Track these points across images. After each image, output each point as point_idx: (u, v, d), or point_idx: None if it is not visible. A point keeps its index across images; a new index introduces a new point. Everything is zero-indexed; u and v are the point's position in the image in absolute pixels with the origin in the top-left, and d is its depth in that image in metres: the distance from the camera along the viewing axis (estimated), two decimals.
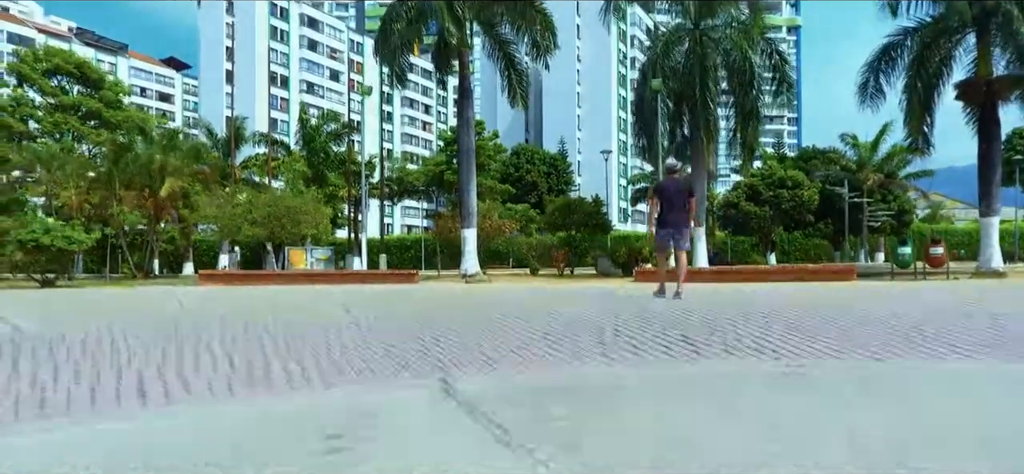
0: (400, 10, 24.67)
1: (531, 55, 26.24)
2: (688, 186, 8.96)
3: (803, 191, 42.04)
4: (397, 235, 69.63)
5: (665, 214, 8.59)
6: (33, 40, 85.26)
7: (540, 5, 24.38)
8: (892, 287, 15.58)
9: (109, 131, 34.15)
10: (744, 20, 23.11)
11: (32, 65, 33.17)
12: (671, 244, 8.61)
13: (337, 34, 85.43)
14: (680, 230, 8.56)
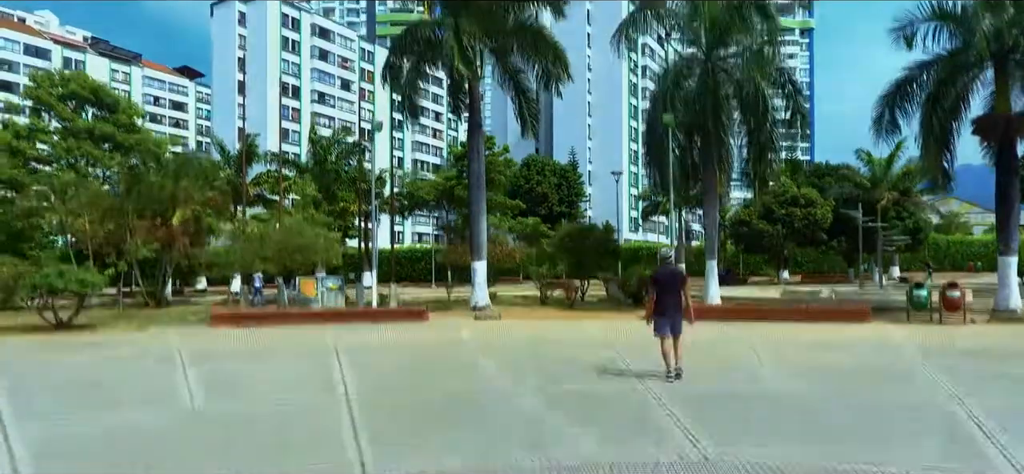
0: (408, 44, 24.66)
1: (542, 83, 26.17)
2: (682, 275, 9.61)
3: (816, 210, 41.71)
4: (408, 245, 69.81)
5: (662, 301, 9.20)
6: (49, 51, 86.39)
7: (551, 37, 24.29)
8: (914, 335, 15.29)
9: (123, 154, 34.44)
10: (758, 50, 22.78)
11: (48, 90, 33.51)
12: (668, 331, 9.15)
13: (348, 43, 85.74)
14: (676, 319, 9.18)
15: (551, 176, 65.38)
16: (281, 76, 78.10)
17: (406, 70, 24.20)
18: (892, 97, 21.50)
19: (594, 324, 19.99)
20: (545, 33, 24.30)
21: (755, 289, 42.50)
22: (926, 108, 20.16)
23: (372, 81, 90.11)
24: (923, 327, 17.20)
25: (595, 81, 77.57)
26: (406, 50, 24.74)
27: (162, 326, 19.96)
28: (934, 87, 20.12)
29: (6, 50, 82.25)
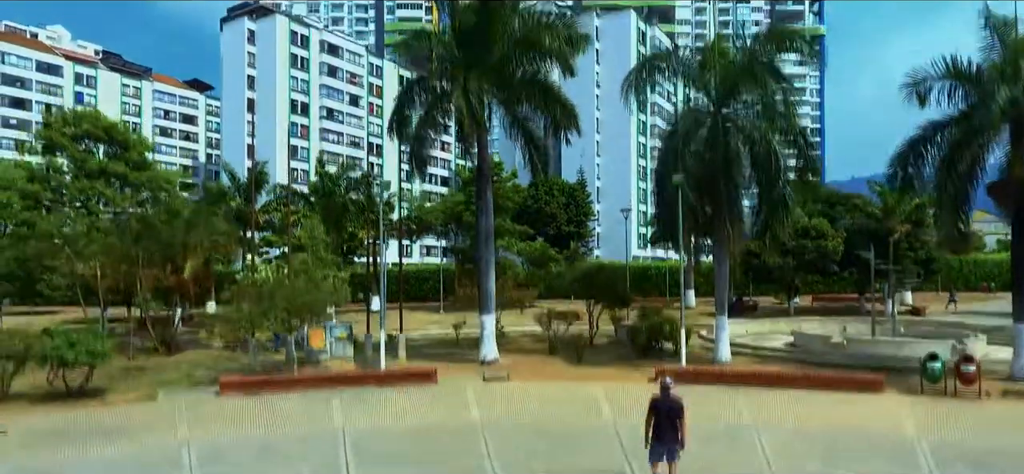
0: (414, 95, 24.62)
1: (551, 131, 26.10)
2: (680, 406, 9.91)
3: (827, 242, 41.35)
4: (416, 263, 69.90)
5: (659, 428, 9.73)
6: (61, 67, 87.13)
7: (560, 93, 24.21)
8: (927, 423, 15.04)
9: (134, 191, 34.71)
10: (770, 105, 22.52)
11: (61, 130, 33.82)
12: (664, 458, 9.73)
13: (356, 59, 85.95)
14: (672, 449, 9.74)
15: (559, 195, 65.27)
16: (290, 93, 78.39)
17: (414, 124, 24.15)
18: (905, 157, 21.27)
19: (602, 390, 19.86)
20: (554, 89, 24.22)
21: (766, 322, 42.14)
22: (941, 172, 19.91)
23: (381, 95, 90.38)
24: (937, 405, 17.02)
25: (603, 97, 77.36)
26: (413, 103, 24.71)
27: (172, 390, 20.03)
28: (949, 150, 19.87)
29: (19, 68, 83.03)
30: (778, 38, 23.75)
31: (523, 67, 23.80)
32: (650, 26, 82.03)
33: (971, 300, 54.67)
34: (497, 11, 22.64)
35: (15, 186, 33.35)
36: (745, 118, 23.50)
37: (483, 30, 23.00)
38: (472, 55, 23.42)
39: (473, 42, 23.35)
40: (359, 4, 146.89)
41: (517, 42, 23.02)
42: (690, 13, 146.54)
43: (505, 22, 22.77)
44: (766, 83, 22.12)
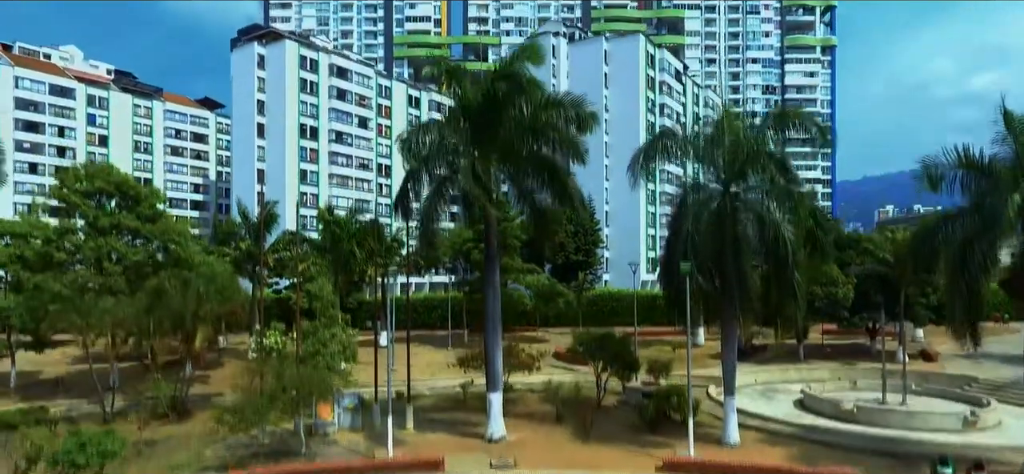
0: (420, 173, 24.59)
1: (556, 202, 26.07)
2: None
3: (838, 289, 41.07)
4: (424, 294, 70.00)
5: None
6: (73, 90, 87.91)
7: (565, 174, 24.14)
8: None
9: (145, 245, 34.95)
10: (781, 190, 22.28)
11: (72, 187, 34.10)
12: None
13: (365, 81, 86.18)
14: None
15: (567, 224, 64.97)
16: (300, 118, 78.73)
17: (423, 198, 24.13)
18: (917, 247, 21.11)
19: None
20: (560, 171, 24.12)
21: (776, 369, 41.90)
22: (952, 270, 19.70)
23: (389, 116, 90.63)
24: None
25: (612, 121, 77.18)
26: (420, 182, 24.68)
27: None
28: (961, 248, 19.64)
29: (32, 92, 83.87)
30: (787, 120, 23.55)
31: (530, 148, 23.74)
32: (659, 50, 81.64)
33: (985, 332, 54.18)
34: (505, 95, 22.61)
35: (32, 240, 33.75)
36: (754, 199, 23.32)
37: (491, 113, 22.99)
38: (480, 136, 23.43)
39: (481, 124, 23.34)
40: (368, 16, 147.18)
41: (524, 127, 22.96)
42: (700, 24, 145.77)
43: (512, 105, 22.69)
44: (773, 174, 21.94)
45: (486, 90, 22.88)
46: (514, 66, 23.08)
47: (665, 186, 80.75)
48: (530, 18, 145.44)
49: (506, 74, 22.92)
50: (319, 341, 30.26)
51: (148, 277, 34.69)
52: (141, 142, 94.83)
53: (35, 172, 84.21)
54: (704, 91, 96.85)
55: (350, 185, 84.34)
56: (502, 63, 23.97)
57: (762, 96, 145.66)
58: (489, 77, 23.44)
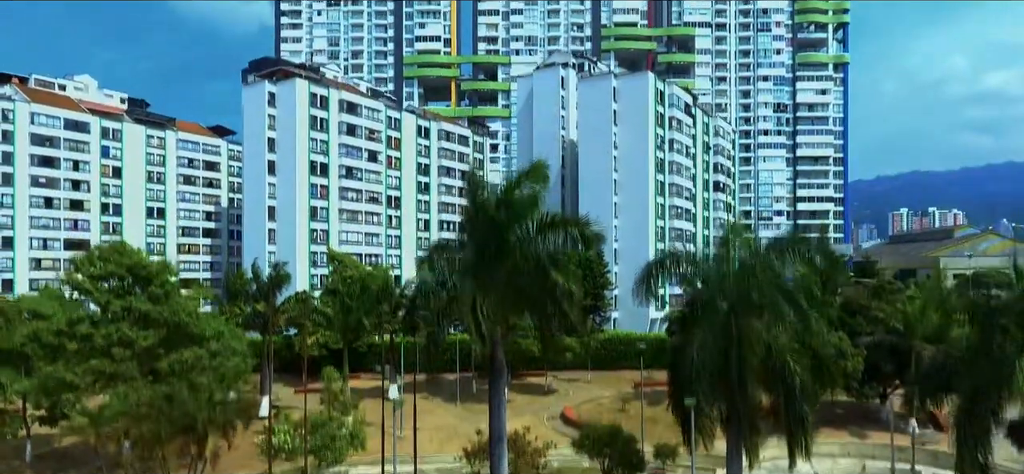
0: (425, 298, 24.66)
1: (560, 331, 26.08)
2: None
3: (847, 361, 40.79)
4: None
5: None
6: (88, 124, 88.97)
7: (570, 305, 24.13)
8: None
9: (156, 330, 35.36)
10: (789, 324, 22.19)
11: (86, 271, 34.62)
12: None
13: (374, 114, 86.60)
14: None
15: (576, 269, 64.98)
16: (310, 155, 79.28)
17: (427, 332, 24.28)
18: (925, 389, 21.00)
19: None
20: (565, 301, 24.09)
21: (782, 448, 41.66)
22: (961, 421, 19.58)
23: (399, 147, 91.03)
24: None
25: (621, 158, 77.08)
26: (426, 302, 24.77)
27: None
28: (969, 397, 19.53)
29: (48, 127, 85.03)
30: (792, 248, 23.45)
31: (533, 273, 23.78)
32: (669, 85, 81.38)
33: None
34: (505, 223, 22.72)
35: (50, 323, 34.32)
36: (761, 327, 23.23)
37: (493, 240, 23.08)
38: (484, 264, 23.50)
39: (485, 250, 23.42)
40: (379, 35, 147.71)
41: (528, 254, 23.01)
42: (710, 42, 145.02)
43: (514, 231, 22.79)
44: (779, 307, 21.86)
45: (489, 217, 22.94)
46: (515, 192, 23.15)
47: (674, 222, 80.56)
48: (540, 37, 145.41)
49: (507, 201, 22.98)
50: (328, 434, 30.62)
51: (159, 358, 35.30)
52: (154, 172, 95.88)
53: (50, 206, 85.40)
54: (714, 120, 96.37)
55: (360, 219, 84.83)
56: (505, 186, 24.03)
57: (773, 114, 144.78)
58: (492, 201, 23.49)
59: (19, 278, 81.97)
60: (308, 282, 78.49)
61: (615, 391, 56.82)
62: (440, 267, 23.61)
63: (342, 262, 68.44)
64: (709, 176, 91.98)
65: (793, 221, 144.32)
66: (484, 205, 23.39)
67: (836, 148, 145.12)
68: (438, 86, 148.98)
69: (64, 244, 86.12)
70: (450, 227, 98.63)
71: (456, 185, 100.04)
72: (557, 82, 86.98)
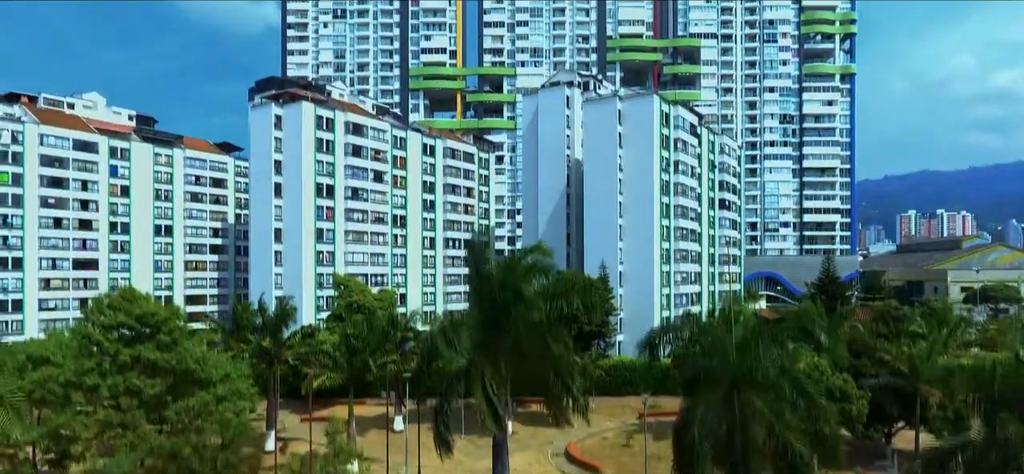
0: (431, 359, 24.92)
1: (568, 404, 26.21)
2: None
3: (852, 404, 40.74)
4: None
5: None
6: (96, 144, 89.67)
7: (574, 375, 24.34)
8: None
9: (164, 378, 35.68)
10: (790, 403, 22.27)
11: (97, 320, 35.00)
12: None
13: (380, 135, 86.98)
14: None
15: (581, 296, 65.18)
16: (316, 177, 79.72)
17: (436, 410, 24.50)
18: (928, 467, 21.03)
19: None
20: (569, 372, 24.33)
21: None
22: None
23: (404, 167, 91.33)
24: None
25: (626, 181, 77.07)
26: (432, 365, 25.06)
27: None
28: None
29: (57, 148, 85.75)
30: (793, 327, 23.53)
31: (537, 347, 23.99)
32: (674, 107, 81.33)
33: None
34: (508, 302, 22.94)
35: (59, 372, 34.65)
36: (764, 399, 23.31)
37: (498, 318, 23.30)
38: (491, 338, 23.73)
39: (491, 325, 23.65)
40: (384, 47, 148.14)
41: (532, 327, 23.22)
42: (716, 53, 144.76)
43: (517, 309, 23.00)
44: (782, 387, 21.95)
45: (493, 299, 23.17)
46: (516, 271, 23.38)
47: (679, 243, 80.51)
48: (545, 48, 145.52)
49: (509, 279, 23.20)
50: None
51: (166, 405, 35.65)
52: (162, 190, 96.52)
53: (59, 226, 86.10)
54: (720, 138, 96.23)
55: (365, 239, 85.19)
56: (506, 264, 24.26)
57: (779, 125, 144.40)
58: (496, 283, 23.70)
59: (28, 298, 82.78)
60: (314, 304, 78.91)
61: (619, 422, 56.89)
62: (452, 338, 23.87)
63: (348, 287, 68.85)
64: (714, 194, 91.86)
65: (799, 232, 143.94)
66: (488, 280, 23.59)
67: (843, 159, 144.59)
68: (443, 97, 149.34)
69: (73, 264, 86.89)
70: (455, 244, 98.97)
71: (462, 202, 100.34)
72: (562, 101, 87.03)
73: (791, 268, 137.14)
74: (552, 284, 24.52)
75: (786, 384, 22.03)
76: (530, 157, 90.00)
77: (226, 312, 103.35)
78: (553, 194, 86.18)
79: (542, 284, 24.06)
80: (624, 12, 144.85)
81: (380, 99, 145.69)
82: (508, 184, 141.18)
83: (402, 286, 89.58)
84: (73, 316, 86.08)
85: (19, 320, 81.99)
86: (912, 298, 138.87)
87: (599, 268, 71.12)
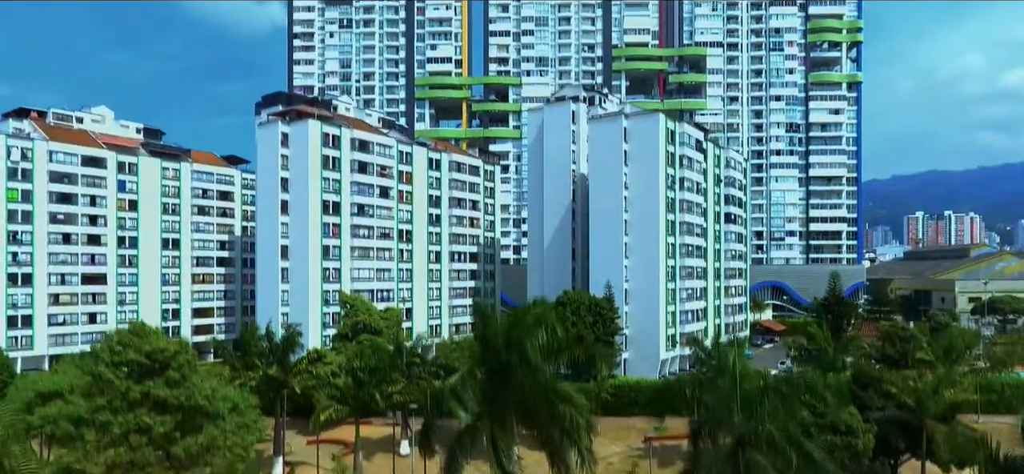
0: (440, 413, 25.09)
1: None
2: None
3: (858, 440, 40.70)
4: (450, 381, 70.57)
5: None
6: (105, 159, 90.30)
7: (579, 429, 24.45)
8: None
9: (173, 414, 36.00)
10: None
11: (107, 360, 35.34)
12: None
13: (386, 150, 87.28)
14: None
15: (586, 315, 65.35)
16: (322, 194, 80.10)
17: (446, 465, 24.66)
18: None
19: None
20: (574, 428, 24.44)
21: None
22: None
23: (410, 181, 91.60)
24: None
25: (632, 199, 77.07)
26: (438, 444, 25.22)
27: None
28: None
29: (66, 164, 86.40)
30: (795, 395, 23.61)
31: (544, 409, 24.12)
32: (679, 123, 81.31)
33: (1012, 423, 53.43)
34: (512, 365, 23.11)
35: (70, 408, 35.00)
36: (767, 462, 23.40)
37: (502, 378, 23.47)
38: (497, 396, 23.89)
39: (497, 384, 23.82)
40: (390, 57, 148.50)
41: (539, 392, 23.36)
42: (722, 62, 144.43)
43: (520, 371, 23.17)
44: (786, 451, 22.03)
45: (498, 358, 23.34)
46: (520, 328, 23.52)
47: (685, 260, 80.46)
48: (551, 57, 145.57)
49: (514, 343, 23.36)
50: None
51: (175, 442, 35.98)
52: (169, 204, 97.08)
53: (68, 242, 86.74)
54: (726, 152, 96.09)
55: (371, 255, 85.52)
56: (510, 321, 24.40)
57: (786, 134, 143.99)
58: (501, 343, 23.86)
59: (38, 314, 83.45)
60: (320, 320, 79.29)
61: (624, 446, 56.93)
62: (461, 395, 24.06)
63: (354, 306, 69.13)
64: (720, 208, 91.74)
65: (806, 241, 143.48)
66: (492, 342, 23.77)
67: (849, 167, 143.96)
68: (449, 106, 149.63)
69: (81, 279, 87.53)
70: (461, 257, 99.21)
71: (467, 215, 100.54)
72: (568, 116, 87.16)
73: (797, 277, 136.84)
74: (557, 339, 24.63)
75: (791, 447, 22.10)
76: (535, 171, 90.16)
77: (232, 323, 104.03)
78: (558, 208, 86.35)
79: (546, 340, 24.16)
80: (630, 21, 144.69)
81: (386, 108, 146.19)
82: (513, 193, 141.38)
83: (408, 300, 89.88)
84: (82, 330, 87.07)
85: (28, 336, 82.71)
86: (920, 307, 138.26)
87: (605, 287, 71.22)
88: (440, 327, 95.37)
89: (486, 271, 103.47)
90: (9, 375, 61.77)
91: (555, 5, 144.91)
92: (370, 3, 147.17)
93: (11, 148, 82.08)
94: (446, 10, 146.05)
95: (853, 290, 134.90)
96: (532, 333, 23.84)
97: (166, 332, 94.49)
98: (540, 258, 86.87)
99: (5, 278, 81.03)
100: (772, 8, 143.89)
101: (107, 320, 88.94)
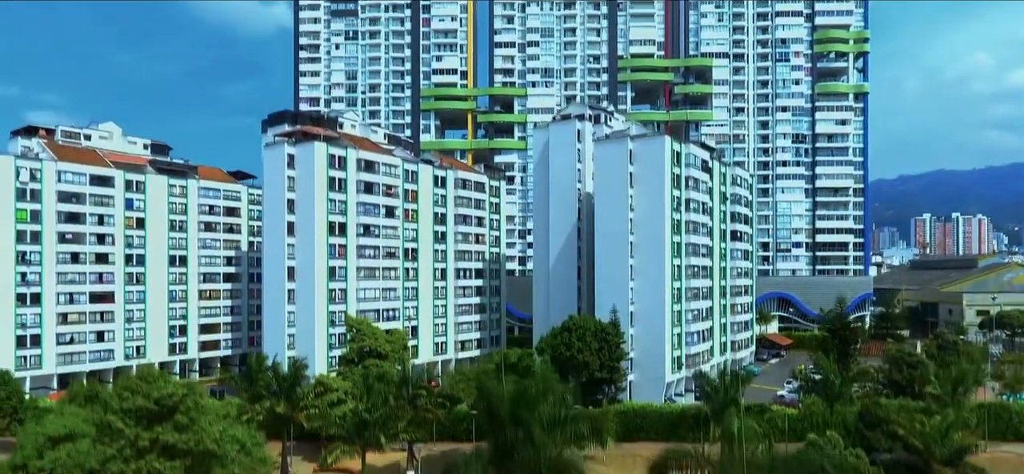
0: None
1: None
2: None
3: None
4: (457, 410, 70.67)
5: None
6: (112, 178, 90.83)
7: None
8: None
9: (182, 460, 36.28)
10: None
11: (116, 408, 35.65)
12: None
13: (391, 170, 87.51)
14: None
15: (592, 341, 65.33)
16: (328, 216, 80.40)
17: None
18: None
19: None
20: None
21: None
22: None
23: (416, 200, 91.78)
24: None
25: (637, 220, 77.04)
26: None
27: None
28: None
29: (74, 184, 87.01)
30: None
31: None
32: (685, 145, 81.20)
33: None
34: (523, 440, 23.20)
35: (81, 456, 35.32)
36: None
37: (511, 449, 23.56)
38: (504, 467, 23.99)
39: (504, 455, 23.91)
40: (396, 68, 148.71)
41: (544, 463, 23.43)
42: (728, 73, 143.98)
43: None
44: None
45: (503, 438, 23.46)
46: (522, 409, 23.64)
47: (690, 282, 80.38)
48: (556, 68, 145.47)
49: (520, 419, 23.47)
50: None
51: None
52: (176, 221, 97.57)
53: (77, 261, 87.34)
54: (732, 169, 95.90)
55: (377, 275, 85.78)
56: (515, 396, 24.54)
57: (792, 145, 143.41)
58: (507, 417, 23.97)
59: (46, 334, 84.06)
60: (326, 342, 79.57)
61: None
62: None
63: (359, 330, 69.42)
64: (726, 226, 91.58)
65: (812, 252, 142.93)
66: (497, 416, 23.88)
67: (856, 178, 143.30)
68: (455, 118, 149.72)
69: (90, 297, 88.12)
70: (466, 274, 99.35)
71: (473, 232, 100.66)
72: (573, 135, 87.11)
73: (804, 289, 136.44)
74: (562, 410, 24.72)
75: None
76: (541, 190, 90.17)
77: (239, 339, 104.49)
78: (564, 227, 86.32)
79: (551, 411, 24.25)
80: (635, 32, 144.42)
81: (391, 119, 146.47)
82: (519, 204, 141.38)
83: (413, 318, 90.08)
84: (90, 349, 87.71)
85: (37, 355, 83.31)
86: (927, 319, 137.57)
87: (610, 312, 71.22)
88: (445, 345, 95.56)
89: (491, 286, 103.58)
90: (19, 401, 62.35)
91: (561, 16, 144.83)
92: (376, 14, 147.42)
93: (20, 169, 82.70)
94: (452, 22, 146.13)
95: (860, 301, 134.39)
96: (536, 405, 23.90)
97: (173, 348, 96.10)
98: (546, 276, 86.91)
99: (14, 298, 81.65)
100: (778, 18, 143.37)
101: (115, 338, 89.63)
